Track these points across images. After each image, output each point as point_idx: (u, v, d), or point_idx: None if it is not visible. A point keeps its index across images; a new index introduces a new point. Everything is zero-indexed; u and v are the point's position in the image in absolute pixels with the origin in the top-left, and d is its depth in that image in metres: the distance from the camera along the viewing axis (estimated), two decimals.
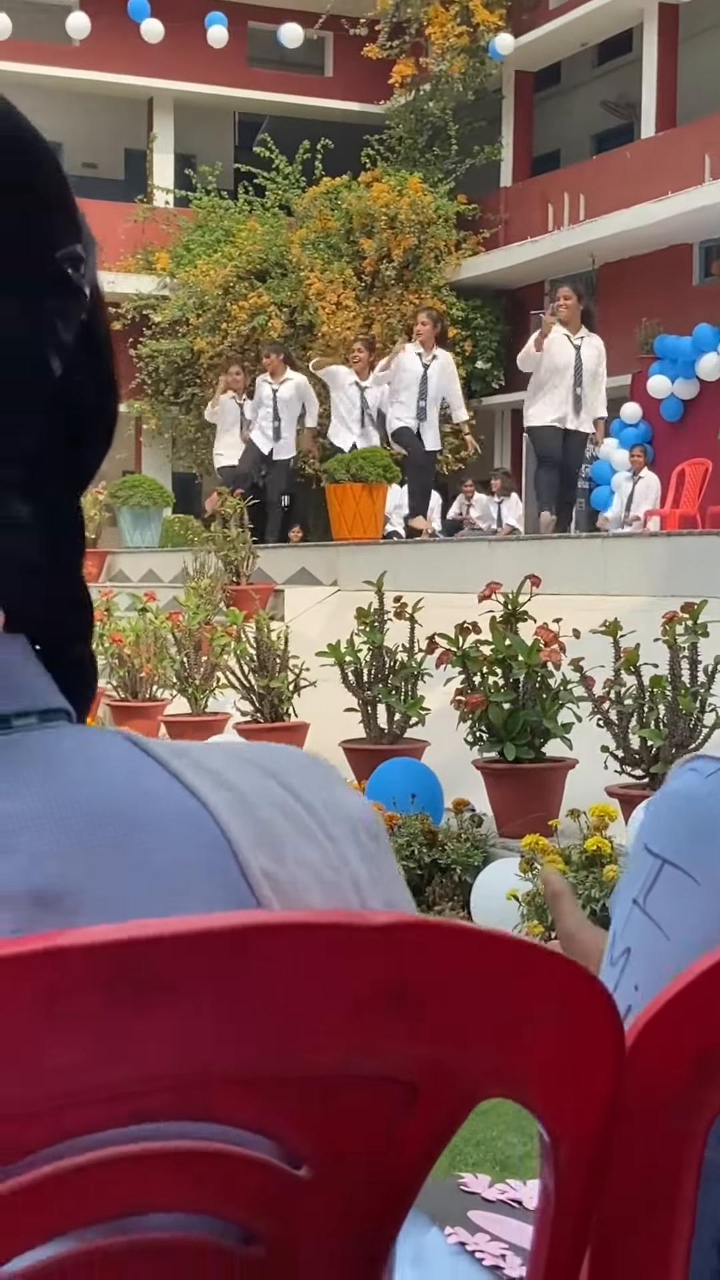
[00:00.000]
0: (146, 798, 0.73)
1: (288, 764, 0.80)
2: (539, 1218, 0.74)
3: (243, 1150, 0.63)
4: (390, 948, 0.63)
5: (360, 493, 12.84)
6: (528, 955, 0.68)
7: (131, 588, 11.90)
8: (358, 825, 0.80)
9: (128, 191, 24.90)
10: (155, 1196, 0.62)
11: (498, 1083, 0.69)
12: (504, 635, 6.32)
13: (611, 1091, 0.72)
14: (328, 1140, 0.65)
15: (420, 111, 24.11)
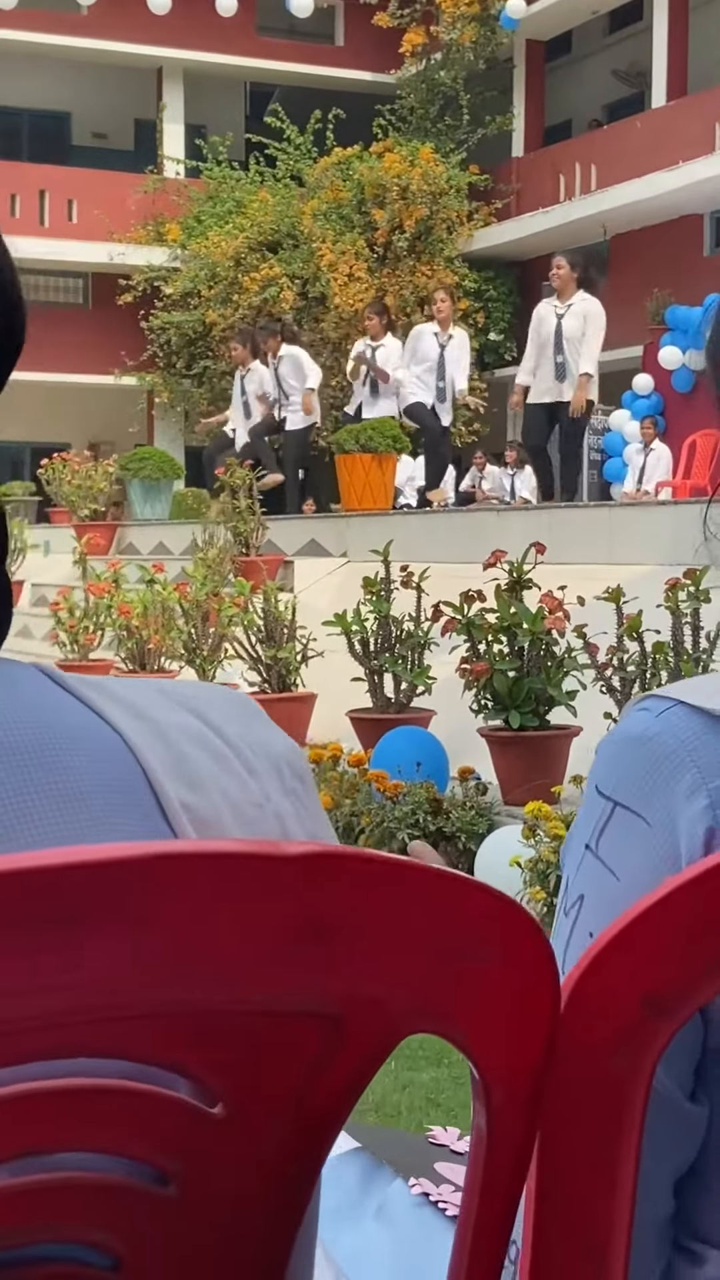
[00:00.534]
0: (60, 728, 0.71)
1: (210, 700, 0.78)
2: (471, 1157, 0.72)
3: (152, 1088, 0.61)
4: (308, 879, 0.62)
5: (370, 464, 12.80)
6: (454, 888, 0.66)
7: (141, 560, 11.88)
8: (281, 762, 0.78)
9: (137, 162, 24.81)
10: (62, 1135, 0.61)
11: (424, 1019, 0.67)
12: (509, 603, 6.30)
13: (547, 1031, 0.71)
14: (243, 1077, 0.63)
15: (431, 81, 23.98)
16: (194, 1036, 0.62)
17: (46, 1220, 0.62)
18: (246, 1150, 0.64)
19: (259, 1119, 0.64)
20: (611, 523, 9.64)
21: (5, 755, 0.69)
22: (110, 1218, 0.63)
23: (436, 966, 0.66)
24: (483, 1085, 0.70)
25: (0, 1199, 0.60)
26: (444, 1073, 3.75)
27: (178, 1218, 0.64)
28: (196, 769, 0.73)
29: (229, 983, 0.61)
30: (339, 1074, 0.66)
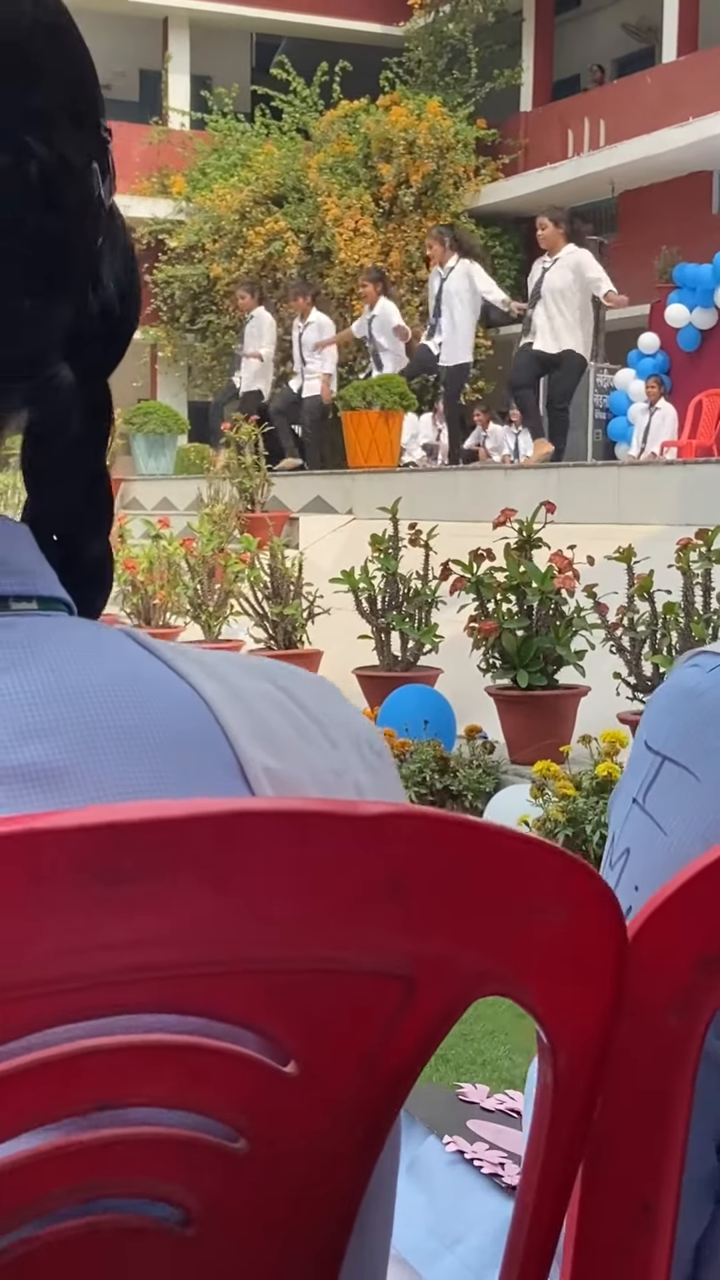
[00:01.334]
0: (142, 684, 0.72)
1: (290, 675, 0.79)
2: (535, 1119, 0.72)
3: (226, 1045, 0.61)
4: (385, 838, 0.61)
5: (376, 420, 12.78)
6: (528, 849, 0.65)
7: (145, 514, 11.87)
8: (360, 738, 0.79)
9: (142, 113, 24.65)
10: (135, 1089, 0.61)
11: (495, 980, 0.67)
12: (518, 562, 6.29)
13: (613, 993, 0.71)
14: (316, 1036, 0.63)
15: (440, 33, 23.79)
16: (269, 994, 0.61)
17: (119, 1174, 0.62)
18: (317, 1109, 0.64)
19: (331, 1078, 0.64)
20: (620, 482, 9.63)
21: (86, 712, 0.68)
22: (181, 1172, 0.63)
23: (507, 927, 0.66)
24: (550, 1047, 0.70)
25: (75, 1152, 0.60)
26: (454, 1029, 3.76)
27: (248, 1174, 0.64)
28: (277, 733, 0.73)
29: (305, 941, 0.61)
30: (410, 1034, 0.65)
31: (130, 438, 16.47)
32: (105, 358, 0.80)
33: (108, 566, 0.85)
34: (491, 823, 0.64)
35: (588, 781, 5.02)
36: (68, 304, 0.74)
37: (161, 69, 25.41)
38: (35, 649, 0.71)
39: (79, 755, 0.67)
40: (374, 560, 7.33)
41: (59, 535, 0.81)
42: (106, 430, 0.82)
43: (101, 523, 0.84)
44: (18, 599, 0.73)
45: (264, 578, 8.19)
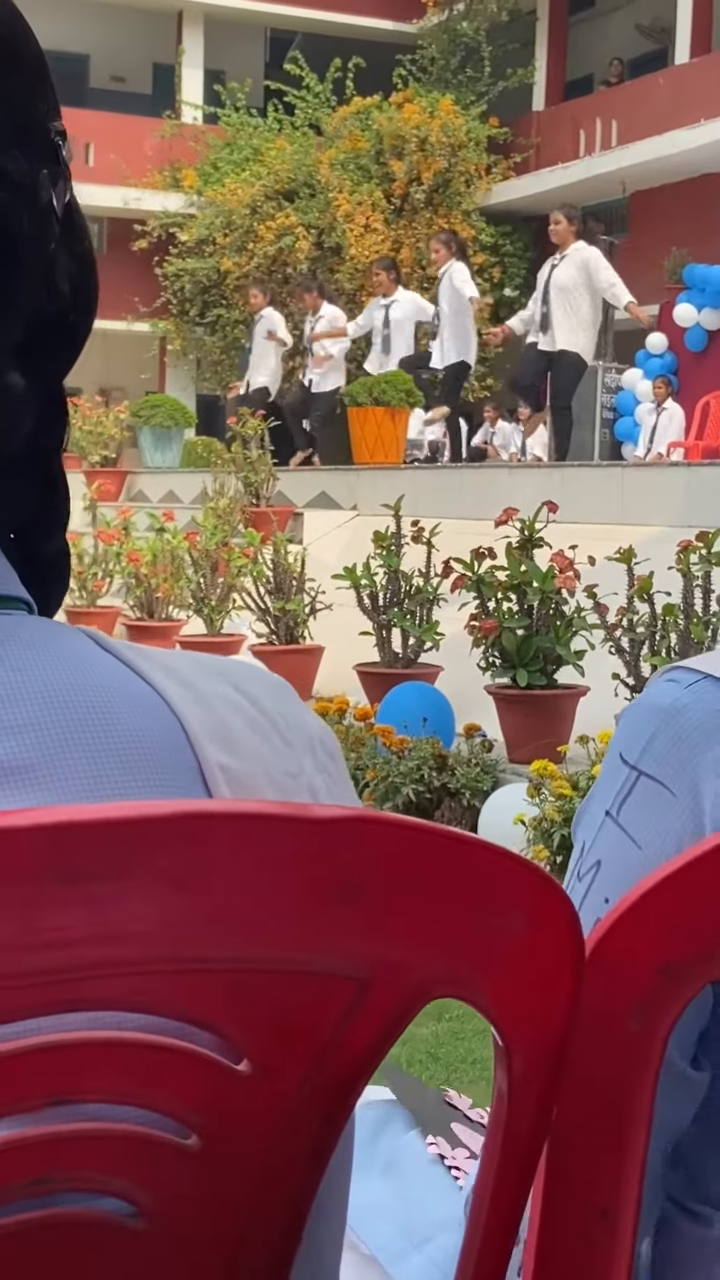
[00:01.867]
0: (104, 685, 0.73)
1: (247, 675, 0.80)
2: (491, 1123, 0.73)
3: (179, 1043, 0.62)
4: (340, 841, 0.62)
5: (382, 416, 12.77)
6: (484, 855, 0.66)
7: (151, 508, 11.87)
8: (314, 740, 0.80)
9: (155, 106, 24.64)
10: (89, 1085, 0.61)
11: (450, 983, 0.68)
12: (519, 561, 6.30)
13: (570, 999, 0.71)
14: (269, 1036, 0.64)
15: (453, 31, 23.76)
16: (223, 994, 0.62)
17: (70, 1169, 0.63)
18: (270, 1107, 0.65)
19: (283, 1077, 0.65)
20: (624, 483, 9.62)
21: (49, 711, 0.69)
22: (133, 1168, 0.64)
23: (461, 931, 0.67)
24: (506, 1050, 0.71)
25: (26, 1145, 0.61)
26: (443, 1027, 3.77)
27: (200, 1170, 0.65)
28: (235, 734, 0.74)
29: (259, 942, 0.62)
30: (363, 1035, 0.66)
31: (137, 430, 16.46)
32: (59, 360, 0.80)
33: (64, 564, 0.86)
34: (447, 828, 0.65)
35: (585, 782, 5.02)
36: (14, 312, 0.74)
37: (175, 62, 25.38)
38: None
39: (44, 753, 0.68)
40: (377, 557, 7.34)
41: (15, 534, 0.81)
42: (62, 431, 0.83)
43: (57, 522, 0.85)
44: None
45: (267, 572, 8.19)
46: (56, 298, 0.78)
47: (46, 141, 0.75)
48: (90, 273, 0.81)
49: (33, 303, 0.76)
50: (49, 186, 0.75)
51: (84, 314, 0.81)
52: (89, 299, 0.82)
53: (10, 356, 0.75)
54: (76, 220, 0.80)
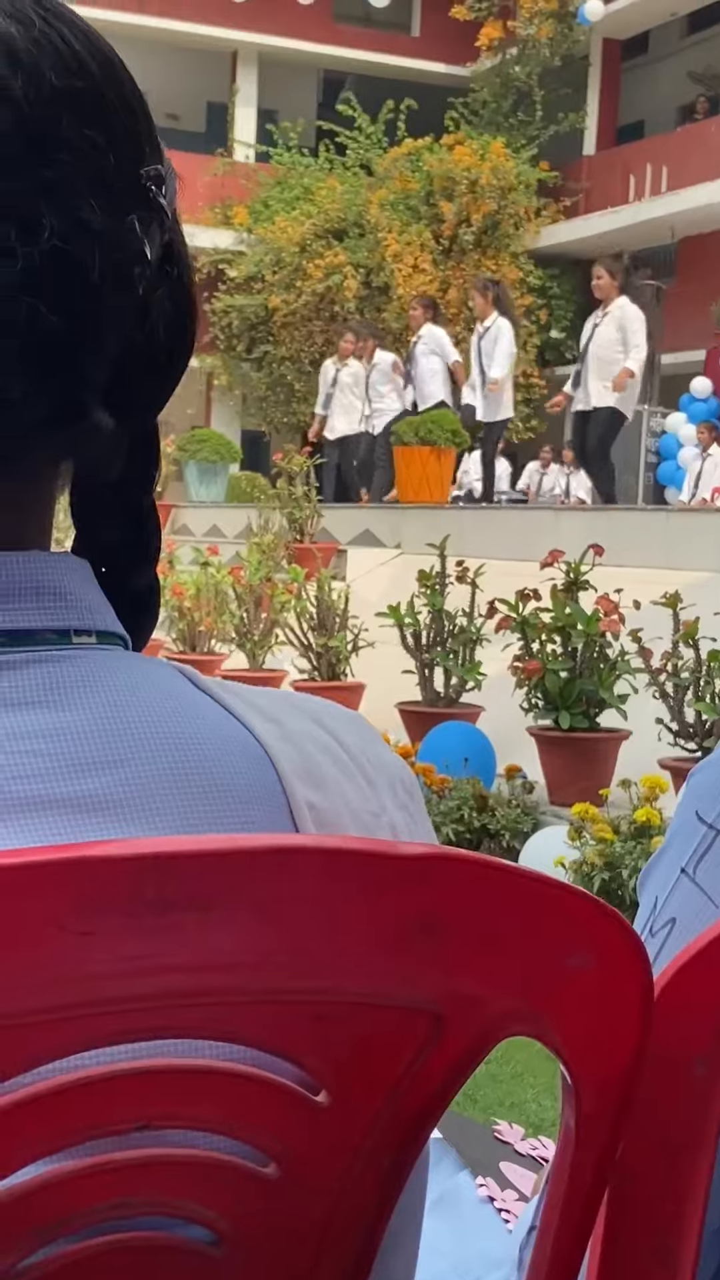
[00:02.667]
0: (198, 722, 0.74)
1: (333, 714, 0.82)
2: (557, 1159, 0.74)
3: (260, 1072, 0.63)
4: (422, 878, 0.63)
5: (428, 456, 12.80)
6: (559, 894, 0.67)
7: (195, 542, 11.93)
8: (395, 779, 0.81)
9: (208, 144, 24.86)
10: (174, 1112, 0.63)
11: (522, 1021, 0.69)
12: (564, 604, 6.30)
13: (638, 1039, 0.72)
14: (347, 1067, 0.65)
15: (506, 75, 23.92)
16: (304, 1025, 0.63)
17: (153, 1194, 0.64)
18: (346, 1138, 0.66)
19: (359, 1108, 0.66)
20: (669, 527, 9.62)
21: (144, 746, 0.71)
22: (213, 1195, 0.65)
23: (535, 970, 0.68)
24: (574, 1089, 0.71)
25: (112, 1170, 0.62)
26: (482, 1070, 3.75)
27: (278, 1198, 0.66)
28: (322, 772, 0.75)
29: (340, 974, 0.63)
30: (437, 1069, 0.67)
31: (182, 464, 16.56)
32: (151, 398, 0.81)
33: (153, 599, 0.87)
34: (524, 867, 0.66)
35: (626, 826, 5.01)
36: (98, 355, 0.75)
37: (229, 101, 25.63)
38: (96, 683, 0.74)
39: (138, 788, 0.70)
40: (420, 595, 7.35)
41: (105, 568, 0.83)
42: (153, 469, 0.84)
43: (147, 558, 0.86)
44: (78, 633, 0.76)
45: (310, 609, 8.21)
46: (151, 338, 0.78)
47: (135, 187, 0.76)
48: (187, 315, 0.82)
49: (122, 344, 0.77)
50: (138, 231, 0.75)
51: (179, 355, 0.82)
52: (184, 340, 0.82)
53: (98, 396, 0.76)
54: (176, 262, 0.80)
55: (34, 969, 0.57)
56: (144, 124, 0.78)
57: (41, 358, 0.72)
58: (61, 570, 0.77)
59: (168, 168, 0.80)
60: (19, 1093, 0.59)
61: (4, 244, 0.69)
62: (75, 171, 0.72)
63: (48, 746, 0.71)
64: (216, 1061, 0.63)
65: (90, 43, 0.75)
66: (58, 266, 0.71)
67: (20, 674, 0.73)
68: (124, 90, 0.77)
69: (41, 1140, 0.61)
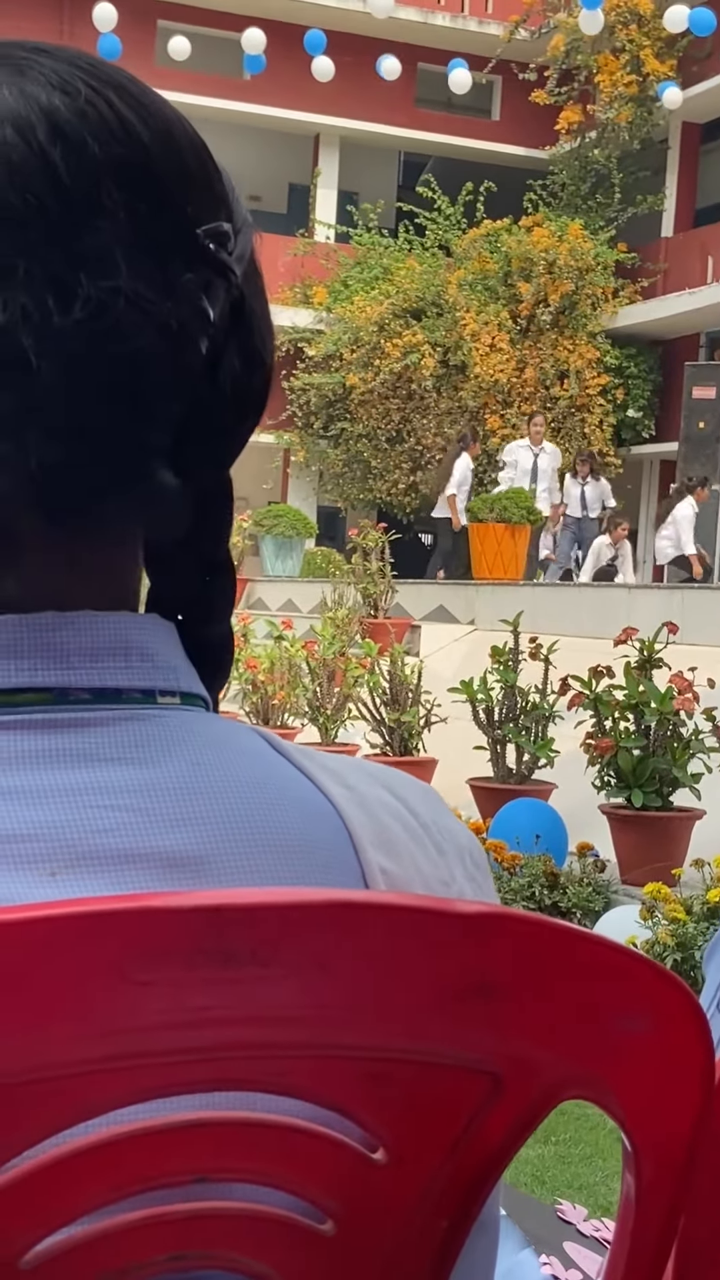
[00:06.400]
0: (276, 785, 0.76)
1: (404, 782, 0.83)
2: (619, 1228, 0.73)
3: (317, 1127, 0.64)
4: (480, 938, 0.64)
5: (503, 533, 12.84)
6: (618, 958, 0.67)
7: (270, 615, 11.99)
8: (465, 850, 0.82)
9: (289, 225, 25.19)
10: (233, 1164, 0.63)
11: (581, 1085, 0.69)
12: (638, 681, 6.28)
13: (700, 1105, 0.72)
14: (406, 1126, 0.65)
15: (585, 158, 24.10)
16: (362, 1081, 0.64)
17: (208, 1247, 0.64)
18: (402, 1198, 0.66)
19: (417, 1168, 0.66)
20: None
21: (224, 806, 0.73)
22: (268, 1250, 0.65)
23: (594, 1033, 0.68)
24: (634, 1156, 0.71)
25: (169, 1222, 0.62)
26: (549, 1150, 3.71)
27: (333, 1256, 0.66)
28: (394, 839, 0.77)
29: (399, 1031, 0.63)
30: (495, 1132, 0.67)
31: (259, 539, 16.68)
32: (221, 455, 0.82)
33: (226, 652, 0.88)
34: (582, 929, 0.66)
35: (699, 906, 4.96)
36: (153, 420, 0.75)
37: (311, 183, 25.98)
38: (180, 743, 0.75)
39: (216, 847, 0.72)
40: (493, 671, 7.34)
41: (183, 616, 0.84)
42: (225, 523, 0.85)
43: (220, 609, 0.87)
44: (163, 693, 0.77)
45: (383, 683, 8.23)
46: (218, 395, 0.78)
47: (190, 247, 0.76)
48: (257, 372, 0.82)
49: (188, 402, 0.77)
50: (195, 291, 0.75)
51: (249, 411, 0.82)
52: (254, 396, 0.82)
53: (160, 458, 0.76)
54: (247, 317, 0.80)
55: (95, 1018, 0.58)
56: (202, 183, 0.78)
57: (90, 427, 0.73)
58: (149, 632, 0.78)
59: (241, 221, 0.80)
60: (78, 1141, 0.60)
61: (41, 312, 0.70)
62: (115, 239, 0.72)
63: (133, 802, 0.72)
64: (273, 1115, 0.63)
65: (143, 108, 0.76)
66: (96, 334, 0.71)
67: (107, 731, 0.74)
68: (178, 152, 0.77)
69: (100, 1190, 0.61)
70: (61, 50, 0.77)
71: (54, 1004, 0.57)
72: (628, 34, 22.52)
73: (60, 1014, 0.57)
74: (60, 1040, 0.57)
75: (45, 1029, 0.57)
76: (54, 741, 0.73)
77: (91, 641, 0.76)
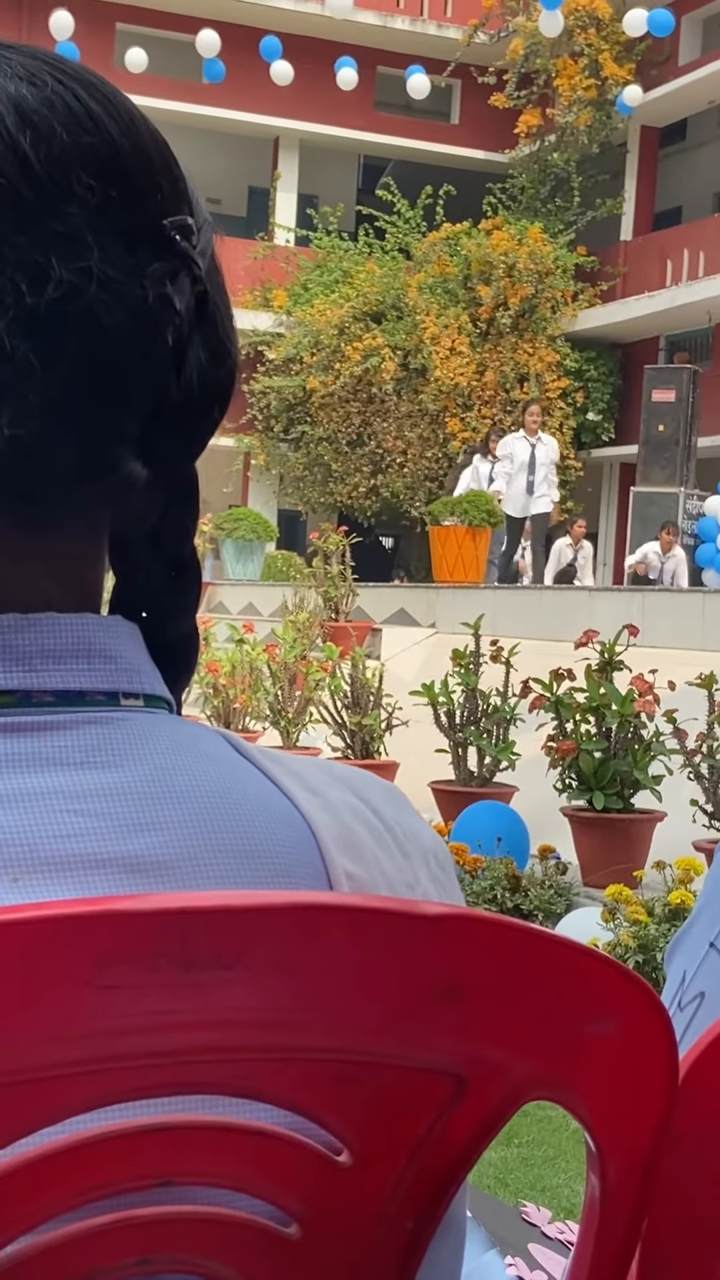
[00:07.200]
0: (241, 789, 0.76)
1: (368, 784, 0.83)
2: (583, 1228, 0.73)
3: (281, 1130, 0.63)
4: (444, 939, 0.64)
5: (463, 536, 12.85)
6: (582, 959, 0.67)
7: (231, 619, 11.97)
8: (429, 852, 0.82)
9: (249, 228, 25.19)
10: (197, 1168, 0.63)
11: (545, 1086, 0.69)
12: (599, 684, 6.29)
13: (663, 1108, 0.72)
14: (370, 1129, 0.65)
15: (544, 162, 24.19)
16: (325, 1084, 0.63)
17: (172, 1251, 0.64)
18: (366, 1200, 0.66)
19: (381, 1169, 0.66)
20: (705, 608, 9.60)
21: (189, 811, 0.72)
22: (233, 1253, 0.65)
23: (559, 1035, 0.68)
24: (598, 1157, 0.71)
25: (134, 1226, 0.62)
26: (513, 1153, 3.71)
27: (298, 1259, 0.65)
28: (360, 843, 0.76)
29: (362, 1033, 0.63)
30: (459, 1133, 0.67)
31: (219, 543, 16.66)
32: (187, 447, 0.82)
33: (190, 651, 0.87)
34: (547, 930, 0.66)
35: (660, 908, 4.97)
36: (124, 404, 0.75)
37: (270, 186, 25.98)
38: (143, 746, 0.75)
39: (182, 852, 0.71)
40: (454, 675, 7.35)
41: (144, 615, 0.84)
42: (191, 518, 0.85)
43: (184, 607, 0.87)
44: (127, 695, 0.77)
45: (344, 687, 8.23)
46: (185, 387, 0.79)
47: (158, 238, 0.76)
48: (222, 363, 0.82)
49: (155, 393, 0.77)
50: (162, 280, 0.76)
51: (215, 404, 0.82)
52: (220, 388, 0.82)
53: (130, 447, 0.76)
54: (211, 311, 0.81)
55: (58, 1023, 0.57)
56: (167, 177, 0.79)
57: (64, 408, 0.73)
58: (111, 633, 0.78)
59: (201, 219, 0.80)
60: (43, 1146, 0.59)
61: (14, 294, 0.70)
62: (85, 224, 0.72)
63: (96, 806, 0.72)
64: (237, 1119, 0.63)
65: (109, 102, 0.76)
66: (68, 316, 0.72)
67: (70, 734, 0.74)
68: (144, 145, 0.77)
69: (66, 1195, 0.61)
70: (26, 47, 0.78)
71: (16, 1008, 0.56)
72: (586, 38, 22.61)
73: (23, 1018, 0.57)
74: (23, 1044, 0.57)
75: (7, 1033, 0.57)
76: (17, 745, 0.73)
77: (54, 643, 0.76)
